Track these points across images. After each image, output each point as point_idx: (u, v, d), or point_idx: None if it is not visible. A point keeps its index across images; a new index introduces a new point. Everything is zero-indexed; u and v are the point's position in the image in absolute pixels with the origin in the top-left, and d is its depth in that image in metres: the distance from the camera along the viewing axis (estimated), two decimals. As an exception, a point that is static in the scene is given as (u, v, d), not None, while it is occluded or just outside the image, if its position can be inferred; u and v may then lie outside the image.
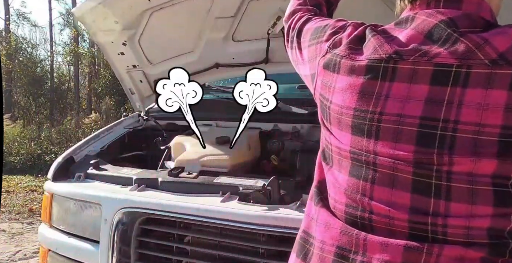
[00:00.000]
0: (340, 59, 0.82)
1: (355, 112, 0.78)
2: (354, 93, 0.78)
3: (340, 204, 0.81)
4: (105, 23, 2.09)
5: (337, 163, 0.83)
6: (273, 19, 1.98)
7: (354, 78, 0.78)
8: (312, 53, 0.91)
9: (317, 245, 0.82)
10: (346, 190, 0.80)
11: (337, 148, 0.82)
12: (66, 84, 16.37)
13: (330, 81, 0.83)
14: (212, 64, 2.29)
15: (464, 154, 0.69)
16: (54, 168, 1.88)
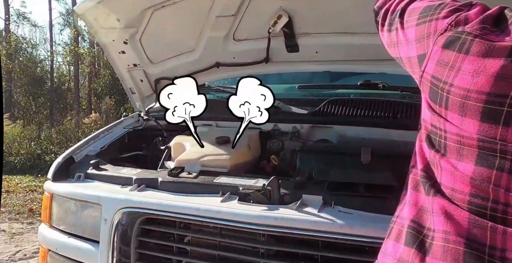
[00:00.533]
0: (473, 38, 0.75)
1: (488, 97, 0.71)
2: (489, 76, 0.71)
3: (461, 194, 0.76)
4: (106, 21, 2.10)
5: (454, 151, 0.77)
6: (274, 18, 1.98)
7: (491, 60, 0.72)
8: (421, 31, 0.85)
9: (438, 236, 0.77)
10: (472, 180, 0.74)
11: (457, 136, 0.76)
12: (66, 84, 16.37)
13: (453, 62, 0.76)
14: (212, 63, 2.29)
15: None
16: (54, 168, 1.88)
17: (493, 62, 0.72)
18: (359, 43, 1.97)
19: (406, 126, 1.82)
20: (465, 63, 0.74)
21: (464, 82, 0.74)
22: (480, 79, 0.72)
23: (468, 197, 0.75)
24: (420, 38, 0.84)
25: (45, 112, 13.71)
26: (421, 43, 0.84)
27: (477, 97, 0.72)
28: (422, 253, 0.78)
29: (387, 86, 2.07)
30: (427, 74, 0.82)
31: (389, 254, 0.86)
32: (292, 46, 2.09)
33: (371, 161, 1.56)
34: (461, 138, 0.76)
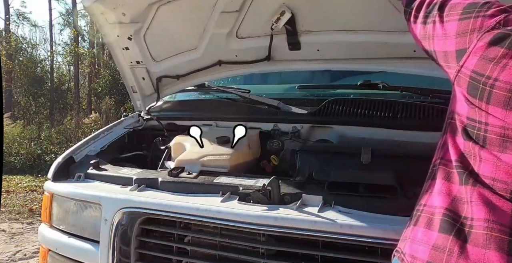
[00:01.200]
0: None
1: None
2: None
3: (503, 184, 0.78)
4: (112, 15, 2.11)
5: (497, 144, 0.80)
6: (277, 14, 1.99)
7: None
8: (464, 27, 0.86)
9: (479, 224, 0.78)
10: None
11: (501, 128, 0.79)
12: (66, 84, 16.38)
13: (500, 58, 0.79)
14: (215, 62, 2.29)
15: None
16: (54, 168, 1.88)
17: None
18: (360, 41, 1.97)
19: (406, 126, 1.82)
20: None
21: (511, 77, 0.76)
22: None
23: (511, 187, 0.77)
24: (462, 33, 0.86)
25: (45, 112, 13.71)
26: (462, 38, 0.86)
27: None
28: (461, 240, 0.80)
29: (387, 86, 2.07)
30: (466, 69, 0.84)
31: (420, 241, 0.87)
32: (294, 44, 2.09)
33: (371, 161, 1.56)
34: (505, 131, 0.78)
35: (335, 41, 2.03)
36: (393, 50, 1.93)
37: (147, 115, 2.39)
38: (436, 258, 0.81)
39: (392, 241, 1.15)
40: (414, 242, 0.88)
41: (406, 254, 0.88)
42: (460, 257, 0.78)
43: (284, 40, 2.10)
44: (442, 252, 0.81)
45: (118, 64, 2.39)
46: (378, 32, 1.93)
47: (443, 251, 0.81)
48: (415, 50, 1.85)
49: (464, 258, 0.77)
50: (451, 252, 0.79)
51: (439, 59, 0.94)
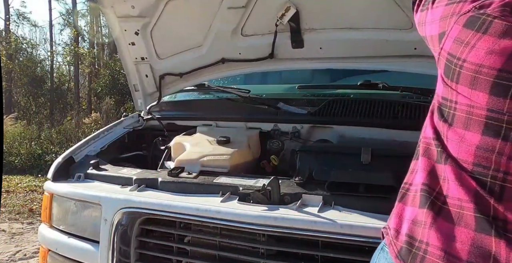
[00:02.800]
0: (492, 19, 0.80)
1: (500, 73, 0.77)
2: (503, 55, 0.77)
3: (464, 163, 0.81)
4: (122, 7, 2.13)
5: (462, 121, 0.83)
6: (282, 10, 2.00)
7: (507, 41, 0.77)
8: (447, 11, 0.90)
9: (453, 203, 0.82)
10: (477, 149, 0.80)
11: (467, 106, 0.82)
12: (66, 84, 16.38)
13: (469, 40, 0.82)
14: (218, 59, 2.30)
15: None
16: (54, 168, 1.88)
17: (508, 42, 0.77)
18: (362, 38, 1.98)
19: (406, 126, 1.82)
20: (480, 41, 0.80)
21: (477, 58, 0.79)
22: (493, 56, 0.78)
23: (471, 166, 0.80)
24: (444, 17, 0.90)
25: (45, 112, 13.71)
26: (444, 21, 0.89)
27: (488, 72, 0.78)
28: (434, 212, 0.84)
29: (387, 86, 2.07)
30: (444, 51, 0.88)
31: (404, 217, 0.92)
32: (297, 42, 2.10)
33: (371, 161, 1.56)
34: (470, 108, 0.81)
35: (338, 39, 2.03)
36: (394, 48, 1.93)
37: (147, 115, 2.40)
38: (414, 231, 0.86)
39: (392, 241, 1.15)
40: (398, 218, 0.93)
41: (391, 228, 0.94)
42: (431, 228, 0.83)
43: (287, 38, 2.10)
44: (419, 225, 0.86)
45: (123, 60, 2.40)
46: (380, 29, 1.93)
47: (420, 224, 0.86)
48: (416, 47, 1.85)
49: (435, 230, 0.82)
50: (425, 225, 0.84)
51: (429, 43, 0.98)
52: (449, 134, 0.85)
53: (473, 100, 0.81)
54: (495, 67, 0.77)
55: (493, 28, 0.79)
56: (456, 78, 0.84)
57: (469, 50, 0.81)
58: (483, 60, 0.79)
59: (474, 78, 0.80)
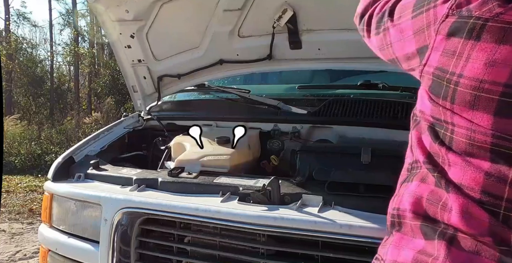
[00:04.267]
0: (484, 22, 0.66)
1: (506, 88, 0.64)
2: (506, 65, 0.64)
3: (471, 191, 0.69)
4: (117, 12, 2.13)
5: (463, 147, 0.71)
6: (278, 12, 2.00)
7: (508, 47, 0.64)
8: (419, 23, 0.77)
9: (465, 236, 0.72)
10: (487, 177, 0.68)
11: (467, 130, 0.69)
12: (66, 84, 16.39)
13: (461, 50, 0.68)
14: (216, 60, 2.30)
15: None
16: (54, 168, 1.88)
17: (509, 49, 0.64)
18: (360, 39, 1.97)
19: (406, 126, 1.82)
20: (475, 51, 0.67)
21: (475, 72, 0.66)
22: (495, 68, 0.64)
23: (479, 195, 0.69)
24: (419, 30, 0.77)
25: (45, 112, 13.71)
26: (420, 35, 0.77)
27: (493, 89, 0.65)
28: (447, 242, 0.73)
29: (387, 86, 2.07)
30: (429, 66, 0.75)
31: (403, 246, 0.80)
32: (295, 43, 2.10)
33: (371, 161, 1.56)
34: (471, 133, 0.69)
35: (336, 39, 2.03)
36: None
37: (147, 115, 2.40)
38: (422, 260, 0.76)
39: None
40: (397, 248, 0.82)
41: (387, 260, 0.82)
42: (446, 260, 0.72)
43: (285, 39, 2.10)
44: (428, 256, 0.75)
45: (120, 63, 2.40)
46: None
47: (429, 255, 0.75)
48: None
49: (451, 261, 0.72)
50: (438, 257, 0.73)
51: (402, 64, 0.86)
52: (450, 158, 0.73)
53: (474, 123, 0.68)
54: (499, 82, 0.65)
55: (488, 34, 0.66)
56: (451, 97, 0.71)
57: (464, 63, 0.68)
58: (483, 74, 0.66)
59: (475, 97, 0.67)
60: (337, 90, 2.34)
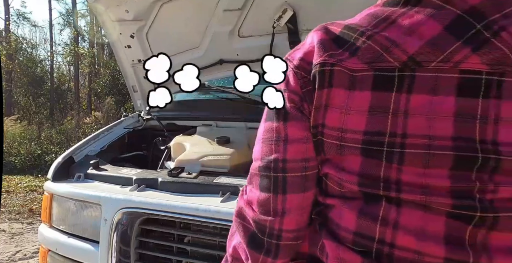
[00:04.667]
0: (331, 67, 0.64)
1: (365, 136, 0.63)
2: (360, 112, 0.63)
3: (346, 233, 0.68)
4: (117, 12, 2.13)
5: (337, 195, 0.70)
6: (279, 12, 2.00)
7: (358, 93, 0.63)
8: (292, 114, 0.70)
9: None
10: (359, 218, 0.66)
11: (337, 179, 0.68)
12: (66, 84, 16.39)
13: (320, 102, 0.66)
14: (216, 60, 2.30)
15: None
16: (54, 168, 1.88)
17: (360, 94, 0.63)
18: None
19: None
20: (333, 98, 0.65)
21: (335, 122, 0.65)
22: (351, 116, 0.63)
23: (352, 236, 0.67)
24: (296, 116, 0.70)
25: (45, 112, 13.71)
26: (298, 119, 0.70)
27: (353, 138, 0.63)
28: None
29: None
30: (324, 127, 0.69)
31: None
32: (296, 43, 2.10)
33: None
34: (341, 182, 0.67)
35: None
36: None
37: (147, 115, 2.40)
38: None
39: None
40: None
41: None
42: None
43: (285, 39, 2.10)
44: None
45: (120, 63, 2.40)
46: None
47: None
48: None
49: None
50: None
51: (298, 149, 0.73)
52: (328, 201, 0.71)
53: (343, 178, 0.67)
54: (359, 130, 0.63)
55: (337, 79, 0.64)
56: (323, 150, 0.68)
57: (325, 113, 0.66)
58: (342, 123, 0.64)
59: (340, 147, 0.65)
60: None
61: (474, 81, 0.58)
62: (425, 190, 0.61)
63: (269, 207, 0.72)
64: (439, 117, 0.60)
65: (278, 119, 0.71)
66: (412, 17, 0.63)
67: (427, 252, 0.61)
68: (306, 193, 0.72)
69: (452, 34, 0.60)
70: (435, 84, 0.60)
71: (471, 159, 0.59)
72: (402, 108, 0.61)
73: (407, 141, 0.61)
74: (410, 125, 0.61)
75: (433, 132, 0.60)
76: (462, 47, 0.59)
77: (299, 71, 0.69)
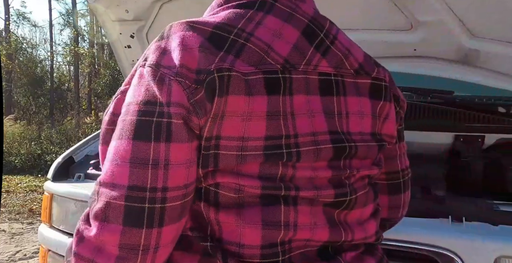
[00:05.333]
0: (228, 72, 0.59)
1: (266, 142, 0.61)
2: (260, 117, 0.61)
3: (250, 249, 0.64)
4: (117, 11, 2.13)
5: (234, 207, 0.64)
6: None
7: (258, 98, 0.61)
8: (176, 132, 0.59)
9: None
10: (264, 228, 0.64)
11: (235, 190, 0.63)
12: (66, 84, 16.41)
13: (218, 111, 0.60)
14: None
15: (365, 161, 0.73)
16: (54, 168, 1.88)
17: (256, 99, 0.60)
18: (360, 39, 1.97)
19: (406, 126, 1.82)
20: (228, 106, 0.59)
21: (233, 131, 0.60)
22: (252, 123, 0.60)
23: (258, 250, 0.64)
24: (180, 131, 0.60)
25: (45, 112, 13.72)
26: (182, 131, 0.60)
27: (256, 145, 0.61)
28: None
29: (387, 86, 2.08)
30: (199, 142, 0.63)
31: None
32: None
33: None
34: (239, 193, 0.63)
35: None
36: (393, 49, 1.93)
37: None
38: None
39: (392, 241, 1.15)
40: None
41: None
42: None
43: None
44: None
45: (120, 63, 2.41)
46: (379, 31, 1.93)
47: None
48: (415, 49, 1.85)
49: None
50: None
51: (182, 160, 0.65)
52: (221, 218, 0.64)
53: (245, 184, 0.63)
54: (259, 137, 0.61)
55: (234, 86, 0.59)
56: (215, 163, 0.62)
57: (220, 123, 0.60)
58: (241, 132, 0.61)
59: (242, 157, 0.61)
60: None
61: (328, 82, 0.67)
62: (316, 185, 0.66)
63: (139, 244, 0.59)
64: (315, 115, 0.65)
65: (158, 139, 0.58)
66: (273, 21, 0.65)
67: (315, 239, 0.67)
68: (182, 220, 0.63)
69: (307, 39, 0.66)
70: (306, 84, 0.65)
71: (343, 149, 0.67)
72: (289, 109, 0.63)
73: (299, 140, 0.63)
74: (298, 125, 0.63)
75: (315, 128, 0.65)
76: (316, 52, 0.67)
77: (183, 80, 0.58)
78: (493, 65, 1.77)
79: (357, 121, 0.70)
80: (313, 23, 0.69)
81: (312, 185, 0.66)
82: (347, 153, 0.68)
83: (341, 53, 0.69)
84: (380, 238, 0.77)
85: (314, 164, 0.66)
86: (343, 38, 0.72)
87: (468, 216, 1.19)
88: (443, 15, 1.68)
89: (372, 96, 0.72)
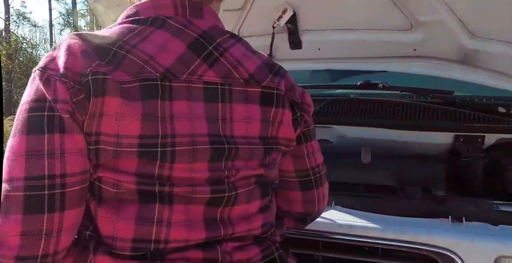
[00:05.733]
0: (103, 76, 0.66)
1: (140, 140, 0.67)
2: (134, 118, 0.67)
3: (123, 242, 0.70)
4: (117, 12, 2.13)
5: (113, 199, 0.71)
6: (278, 12, 2.00)
7: (128, 101, 0.67)
8: (67, 124, 0.66)
9: None
10: (137, 223, 0.70)
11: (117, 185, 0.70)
12: (66, 84, 16.40)
13: (95, 110, 0.66)
14: None
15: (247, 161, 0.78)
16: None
17: (133, 104, 0.67)
18: (360, 39, 1.98)
19: (406, 126, 1.82)
20: (107, 107, 0.66)
21: (110, 129, 0.67)
22: (126, 122, 0.67)
23: (131, 244, 0.70)
24: (71, 127, 0.67)
25: (45, 112, 13.72)
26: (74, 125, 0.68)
27: (130, 142, 0.67)
28: None
29: (387, 86, 2.07)
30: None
31: None
32: (296, 43, 2.10)
33: (371, 161, 1.56)
34: (117, 184, 0.70)
35: (336, 40, 2.03)
36: (393, 49, 1.93)
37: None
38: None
39: (392, 241, 1.15)
40: None
41: None
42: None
43: (285, 39, 2.10)
44: None
45: None
46: (379, 30, 1.93)
47: None
48: (415, 49, 1.85)
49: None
50: None
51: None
52: (99, 212, 0.71)
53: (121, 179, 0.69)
54: (133, 135, 0.67)
55: (111, 89, 0.66)
56: (98, 157, 0.69)
57: (98, 122, 0.67)
58: (116, 130, 0.67)
59: (117, 153, 0.68)
60: (337, 90, 2.34)
61: (214, 90, 0.74)
62: (190, 183, 0.71)
63: (41, 229, 0.64)
64: (196, 119, 0.72)
65: (51, 131, 0.64)
66: (161, 36, 0.73)
67: (193, 238, 0.72)
68: (82, 207, 0.70)
69: (194, 52, 0.74)
70: (188, 92, 0.72)
71: (222, 150, 0.73)
72: (167, 113, 0.69)
73: (176, 140, 0.69)
74: (177, 127, 0.70)
75: (194, 131, 0.71)
76: (202, 64, 0.74)
77: (67, 81, 0.66)
78: (493, 65, 1.77)
79: (243, 126, 0.77)
80: (203, 37, 0.76)
81: (188, 183, 0.71)
82: (227, 155, 0.74)
83: (229, 64, 0.76)
84: (268, 231, 0.83)
85: (193, 166, 0.71)
86: (236, 51, 0.78)
87: (468, 216, 1.19)
88: (443, 15, 1.68)
89: (262, 103, 0.79)
